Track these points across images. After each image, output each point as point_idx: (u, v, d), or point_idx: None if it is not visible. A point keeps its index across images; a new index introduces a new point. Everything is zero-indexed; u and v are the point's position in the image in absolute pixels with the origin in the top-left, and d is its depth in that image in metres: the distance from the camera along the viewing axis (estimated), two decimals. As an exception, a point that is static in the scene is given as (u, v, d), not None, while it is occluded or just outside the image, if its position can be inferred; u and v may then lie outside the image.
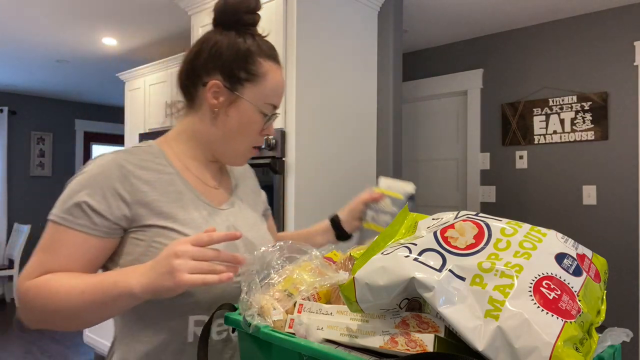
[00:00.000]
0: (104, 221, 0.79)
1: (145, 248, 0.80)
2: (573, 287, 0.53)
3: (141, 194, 0.81)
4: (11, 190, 5.65)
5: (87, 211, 0.78)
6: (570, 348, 0.47)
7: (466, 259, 0.56)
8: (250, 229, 0.94)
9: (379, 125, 2.74)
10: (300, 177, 2.25)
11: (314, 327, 0.63)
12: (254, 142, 0.92)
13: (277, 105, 0.92)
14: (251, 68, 0.87)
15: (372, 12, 2.71)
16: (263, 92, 0.88)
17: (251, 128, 0.89)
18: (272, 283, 0.75)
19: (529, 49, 3.33)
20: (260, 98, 0.88)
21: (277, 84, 0.90)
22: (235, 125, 0.89)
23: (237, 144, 0.91)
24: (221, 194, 0.95)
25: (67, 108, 6.17)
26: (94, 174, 0.80)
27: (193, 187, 0.89)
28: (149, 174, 0.84)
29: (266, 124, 0.91)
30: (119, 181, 0.80)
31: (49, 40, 3.65)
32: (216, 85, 0.87)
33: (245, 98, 0.87)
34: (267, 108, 0.89)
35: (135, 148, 0.88)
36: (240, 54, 0.87)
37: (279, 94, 0.91)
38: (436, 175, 3.85)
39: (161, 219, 0.82)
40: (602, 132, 3.00)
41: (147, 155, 0.87)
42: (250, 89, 0.87)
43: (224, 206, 0.93)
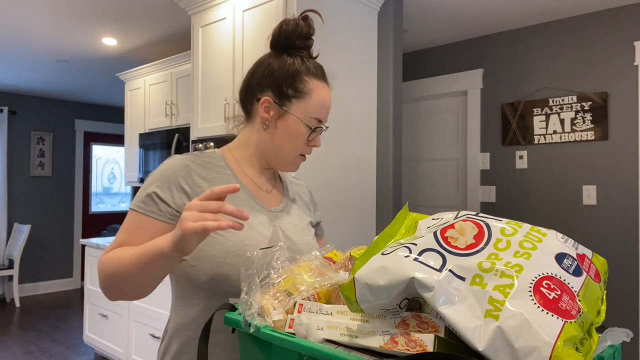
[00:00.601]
0: (168, 208, 0.92)
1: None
2: (573, 287, 0.53)
3: (199, 188, 0.95)
4: (11, 190, 5.65)
5: (155, 200, 0.92)
6: (570, 348, 0.47)
7: (466, 259, 0.56)
8: (297, 233, 1.04)
9: (379, 125, 2.74)
10: (300, 177, 2.25)
11: (314, 327, 0.63)
12: (301, 151, 1.02)
13: (323, 119, 1.01)
14: (298, 86, 0.98)
15: (372, 12, 2.71)
16: (308, 107, 0.98)
17: (297, 139, 1.00)
18: (272, 283, 0.75)
19: (529, 49, 3.33)
20: (305, 112, 0.98)
21: (322, 100, 1.00)
22: (283, 136, 1.00)
23: (285, 153, 1.01)
24: (273, 198, 1.07)
25: (67, 108, 6.17)
26: (164, 170, 0.95)
27: (247, 188, 1.02)
28: (208, 173, 0.98)
29: (311, 135, 1.00)
30: (182, 177, 0.94)
31: (49, 40, 3.65)
32: (267, 101, 0.99)
33: (292, 112, 0.98)
34: (312, 122, 0.99)
35: (199, 152, 1.03)
36: (289, 74, 0.98)
37: (324, 109, 1.00)
38: (436, 175, 3.85)
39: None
40: (602, 132, 3.00)
41: (209, 158, 1.02)
42: (296, 105, 0.98)
43: (275, 209, 1.04)
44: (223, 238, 0.92)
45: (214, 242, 0.92)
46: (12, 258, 5.34)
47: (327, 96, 1.01)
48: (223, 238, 0.92)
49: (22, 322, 4.65)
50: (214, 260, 0.91)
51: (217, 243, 0.92)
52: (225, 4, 2.57)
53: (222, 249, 0.91)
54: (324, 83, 1.01)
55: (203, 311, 0.93)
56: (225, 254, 0.91)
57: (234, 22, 2.51)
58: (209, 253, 0.91)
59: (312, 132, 1.00)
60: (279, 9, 2.28)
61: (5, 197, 5.55)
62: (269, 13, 2.33)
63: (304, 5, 2.27)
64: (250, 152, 1.05)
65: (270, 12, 2.32)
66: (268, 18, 2.33)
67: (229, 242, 0.92)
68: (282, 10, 2.26)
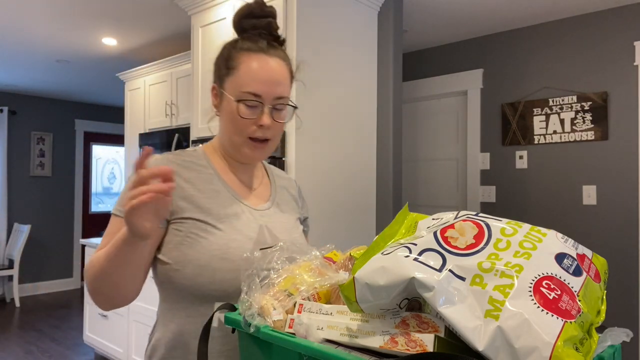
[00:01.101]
0: None
1: (182, 238, 0.90)
2: (573, 287, 0.53)
3: (181, 189, 0.91)
4: (11, 190, 5.65)
5: None
6: (570, 348, 0.47)
7: (466, 259, 0.56)
8: (285, 232, 1.00)
9: (379, 125, 2.74)
10: (300, 177, 2.25)
11: (314, 327, 0.63)
12: (247, 133, 0.93)
13: (260, 93, 0.91)
14: (229, 63, 0.94)
15: (372, 12, 2.71)
16: (237, 81, 0.92)
17: (236, 119, 0.92)
18: (272, 283, 0.75)
19: (529, 49, 3.33)
20: (236, 88, 0.92)
21: (251, 71, 0.91)
22: (225, 119, 0.95)
23: (233, 137, 0.95)
24: (260, 196, 1.03)
25: (67, 108, 6.17)
26: None
27: (230, 186, 0.98)
28: (189, 173, 0.95)
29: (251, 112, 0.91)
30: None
31: (49, 40, 3.65)
32: (213, 88, 0.97)
33: (226, 92, 0.93)
34: (246, 97, 0.91)
35: (181, 151, 1.00)
36: (224, 54, 0.95)
37: (256, 81, 0.91)
38: (436, 175, 3.85)
39: (198, 212, 0.91)
40: (602, 132, 3.00)
41: (190, 157, 0.98)
42: (228, 83, 0.93)
43: (261, 207, 1.00)
44: (206, 241, 0.89)
45: (197, 245, 0.89)
46: (12, 258, 5.34)
47: (259, 67, 0.91)
48: (206, 241, 0.89)
49: (22, 322, 4.65)
50: (197, 263, 0.88)
51: (200, 246, 0.89)
52: (225, 4, 2.57)
53: (206, 252, 0.88)
54: (259, 54, 0.93)
55: (187, 316, 0.91)
56: (209, 258, 0.88)
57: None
58: (192, 257, 0.88)
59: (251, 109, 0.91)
60: (279, 9, 2.28)
61: (5, 197, 5.55)
62: (269, 13, 2.33)
63: (304, 5, 2.27)
64: (223, 147, 1.01)
65: (270, 12, 2.32)
66: (268, 18, 2.33)
67: (212, 245, 0.89)
68: (282, 10, 2.27)
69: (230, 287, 0.88)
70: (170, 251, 0.90)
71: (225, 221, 0.92)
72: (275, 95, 0.93)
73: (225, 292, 0.89)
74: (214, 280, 0.87)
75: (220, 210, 0.93)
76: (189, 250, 0.88)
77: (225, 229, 0.91)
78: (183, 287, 0.89)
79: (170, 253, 0.90)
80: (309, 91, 2.31)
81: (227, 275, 0.88)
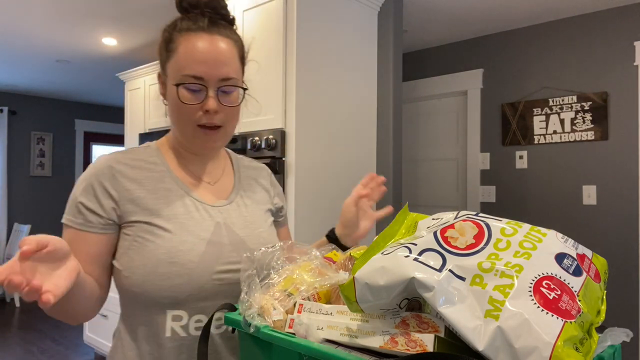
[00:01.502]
0: (98, 218, 0.84)
1: (130, 242, 0.85)
2: (573, 287, 0.53)
3: (127, 191, 0.86)
4: (11, 190, 5.65)
5: (82, 210, 0.84)
6: (570, 348, 0.47)
7: (466, 259, 0.56)
8: (246, 227, 0.93)
9: (379, 125, 2.74)
10: (300, 177, 2.25)
11: (314, 327, 0.63)
12: (195, 120, 0.85)
13: (201, 75, 0.83)
14: (168, 46, 0.87)
15: (372, 12, 2.71)
16: (177, 64, 0.84)
17: (180, 106, 0.84)
18: (272, 283, 0.75)
19: (529, 49, 3.33)
20: (176, 71, 0.84)
21: (189, 52, 0.83)
22: (170, 107, 0.88)
23: (181, 126, 0.88)
24: (219, 190, 0.96)
25: (67, 108, 6.17)
26: (88, 175, 0.87)
27: (184, 183, 0.91)
28: (138, 173, 0.88)
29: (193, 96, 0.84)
30: (108, 180, 0.85)
31: (49, 40, 3.65)
32: (159, 76, 0.91)
33: (168, 77, 0.87)
34: (186, 80, 0.83)
35: (131, 149, 0.93)
36: (165, 38, 0.88)
37: (196, 61, 0.82)
38: (436, 175, 3.85)
39: (146, 215, 0.85)
40: (602, 132, 3.00)
41: (141, 154, 0.91)
42: (169, 67, 0.86)
43: (219, 203, 0.93)
44: (153, 245, 0.83)
45: (144, 249, 0.83)
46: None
47: (200, 47, 0.83)
48: (153, 245, 0.83)
49: (22, 322, 4.65)
50: (144, 270, 0.82)
51: (147, 251, 0.83)
52: (225, 4, 2.57)
53: (152, 257, 0.82)
54: (199, 32, 0.84)
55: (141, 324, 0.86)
56: (156, 263, 0.82)
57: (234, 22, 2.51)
58: (139, 262, 0.83)
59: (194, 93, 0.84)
60: (279, 9, 2.28)
61: (5, 197, 5.55)
62: (269, 13, 2.33)
63: (304, 5, 2.27)
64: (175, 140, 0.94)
65: (270, 12, 2.32)
66: (268, 18, 2.33)
67: (159, 248, 0.83)
68: (282, 10, 2.26)
69: (181, 293, 0.83)
70: (120, 257, 0.86)
71: (175, 222, 0.86)
72: (219, 77, 0.84)
73: (175, 299, 0.83)
74: (162, 287, 0.81)
75: (170, 211, 0.87)
76: (136, 256, 0.83)
77: (175, 230, 0.85)
78: (134, 294, 0.84)
79: (122, 258, 0.85)
80: (309, 91, 2.31)
81: (177, 281, 0.82)
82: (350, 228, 1.02)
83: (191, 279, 0.83)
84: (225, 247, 0.89)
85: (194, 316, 0.86)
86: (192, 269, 0.83)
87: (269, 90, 2.32)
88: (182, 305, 0.84)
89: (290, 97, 2.25)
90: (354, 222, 1.02)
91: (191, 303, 0.84)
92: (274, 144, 2.25)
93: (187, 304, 0.84)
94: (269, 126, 2.31)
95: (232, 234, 0.90)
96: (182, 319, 0.85)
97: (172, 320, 0.85)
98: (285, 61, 2.26)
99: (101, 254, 0.86)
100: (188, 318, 0.85)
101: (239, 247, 0.90)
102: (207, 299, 0.86)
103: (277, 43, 2.28)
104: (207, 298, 0.86)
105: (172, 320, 0.85)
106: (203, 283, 0.84)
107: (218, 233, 0.89)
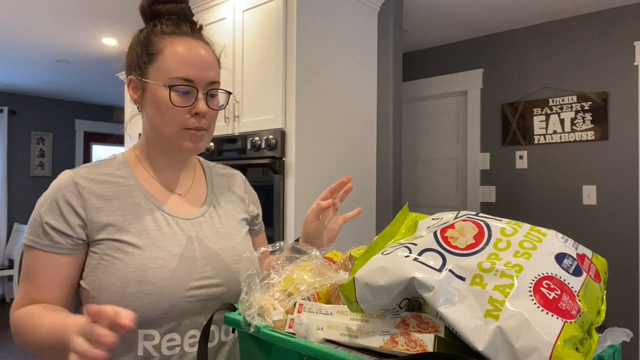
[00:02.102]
0: (66, 239, 0.81)
1: (97, 261, 0.81)
2: (573, 287, 0.53)
3: (94, 209, 0.82)
4: (11, 190, 5.65)
5: (48, 231, 0.80)
6: (570, 348, 0.47)
7: (466, 259, 0.56)
8: (219, 240, 0.91)
9: (379, 125, 2.74)
10: (300, 177, 2.25)
11: (314, 327, 0.63)
12: (182, 124, 0.84)
13: (192, 78, 0.83)
14: (149, 49, 0.85)
15: (372, 12, 2.71)
16: (163, 67, 0.83)
17: (166, 109, 0.83)
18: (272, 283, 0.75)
19: (529, 49, 3.33)
20: (163, 74, 0.83)
21: (178, 54, 0.83)
22: (153, 111, 0.85)
23: (164, 130, 0.85)
24: (191, 202, 0.92)
25: (67, 108, 6.17)
26: (52, 193, 0.82)
27: (154, 196, 0.88)
28: (105, 188, 0.84)
29: (183, 99, 0.83)
30: (74, 197, 0.81)
31: (49, 40, 3.65)
32: (131, 80, 0.88)
33: (150, 80, 0.84)
34: (175, 82, 0.83)
35: (97, 162, 0.89)
36: (141, 42, 0.86)
37: (186, 64, 0.83)
38: (436, 175, 3.85)
39: (114, 232, 0.82)
40: (602, 132, 3.00)
41: (107, 168, 0.88)
42: (152, 71, 0.84)
43: (191, 215, 0.90)
44: (122, 263, 0.79)
45: (112, 268, 0.79)
46: (12, 258, 5.34)
47: (186, 50, 0.84)
48: (122, 263, 0.79)
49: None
50: (112, 290, 0.78)
51: (116, 270, 0.79)
52: (225, 4, 2.57)
53: (121, 276, 0.78)
54: (184, 37, 0.85)
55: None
56: (125, 282, 0.78)
57: (234, 22, 2.51)
58: (106, 282, 0.79)
59: (183, 96, 0.83)
60: (279, 9, 2.28)
61: (5, 197, 5.55)
62: (269, 13, 2.33)
63: (304, 5, 2.27)
64: (148, 150, 0.91)
65: (270, 12, 2.32)
66: (268, 18, 2.33)
67: (128, 267, 0.79)
68: (282, 10, 2.26)
69: (152, 313, 0.79)
70: (87, 276, 0.82)
71: (145, 237, 0.82)
72: (207, 80, 0.85)
73: (146, 319, 0.79)
74: (132, 307, 0.77)
75: (140, 226, 0.83)
76: (103, 275, 0.79)
77: (145, 247, 0.81)
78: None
79: (88, 278, 0.81)
80: (309, 91, 2.31)
81: (147, 300, 0.78)
82: (314, 241, 0.98)
83: (162, 298, 0.80)
84: (198, 262, 0.85)
85: (165, 335, 0.82)
86: (164, 287, 0.80)
87: (269, 90, 2.32)
88: (154, 325, 0.81)
89: (290, 97, 2.25)
90: (317, 235, 0.99)
91: (163, 322, 0.81)
92: (274, 144, 2.25)
93: (158, 323, 0.81)
94: (269, 126, 2.31)
95: (204, 248, 0.87)
96: (154, 338, 0.81)
97: (144, 340, 0.81)
98: (285, 61, 2.26)
99: (70, 276, 0.82)
100: (160, 338, 0.82)
101: (212, 260, 0.87)
102: (181, 317, 0.83)
103: (277, 43, 2.28)
104: (181, 316, 0.82)
105: (144, 340, 0.81)
106: (175, 301, 0.81)
107: (190, 247, 0.86)
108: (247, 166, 2.36)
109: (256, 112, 2.38)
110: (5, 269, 5.25)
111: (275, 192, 2.26)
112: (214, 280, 0.86)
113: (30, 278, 0.81)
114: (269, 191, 2.29)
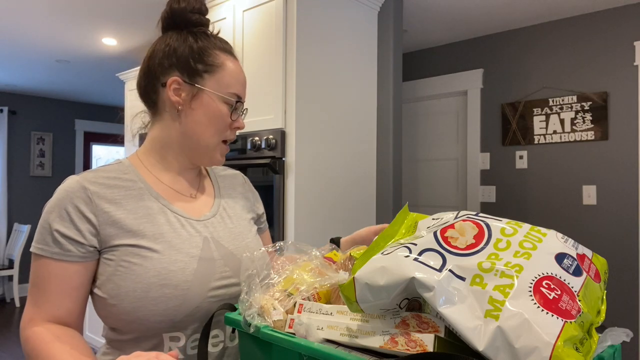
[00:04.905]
0: (77, 246, 0.78)
1: (115, 268, 0.79)
2: (573, 287, 0.53)
3: (106, 214, 0.80)
4: (11, 190, 5.65)
5: (58, 239, 0.78)
6: (570, 348, 0.47)
7: (466, 259, 0.56)
8: (234, 240, 0.91)
9: (379, 125, 2.74)
10: (300, 177, 2.25)
11: (314, 327, 0.63)
12: (223, 136, 0.90)
13: (241, 96, 0.91)
14: (208, 60, 0.87)
15: (372, 12, 2.71)
16: (223, 81, 0.88)
17: (218, 120, 0.88)
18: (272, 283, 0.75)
19: (529, 49, 3.33)
20: (221, 87, 0.88)
21: (236, 73, 0.90)
22: (202, 118, 0.87)
23: (207, 139, 0.88)
24: (201, 203, 0.93)
25: (67, 108, 6.17)
26: (61, 199, 0.79)
27: (166, 199, 0.87)
28: (115, 193, 0.83)
29: (233, 114, 0.89)
30: (84, 203, 0.79)
31: (49, 40, 3.64)
32: (176, 82, 0.86)
33: (207, 89, 0.87)
34: (232, 97, 0.89)
35: (103, 167, 0.87)
36: (195, 49, 0.87)
37: (240, 83, 0.90)
38: (436, 175, 3.85)
39: (129, 237, 0.80)
40: (602, 132, 3.00)
41: (115, 172, 0.86)
42: (210, 80, 0.87)
43: (204, 216, 0.90)
44: (142, 268, 0.78)
45: (132, 274, 0.78)
46: (12, 258, 5.34)
47: (239, 70, 0.91)
48: (142, 268, 0.78)
49: (22, 322, 4.65)
50: (134, 296, 0.77)
51: (136, 275, 0.78)
52: (225, 4, 2.57)
53: (143, 281, 0.77)
54: (234, 58, 0.91)
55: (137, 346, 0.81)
56: (147, 287, 0.77)
57: (234, 22, 2.51)
58: (127, 288, 0.77)
59: (234, 110, 0.89)
60: (279, 9, 2.28)
61: (5, 197, 5.55)
62: (269, 13, 2.33)
63: (304, 5, 2.27)
64: (165, 153, 0.91)
65: (270, 12, 2.32)
66: (268, 18, 2.33)
67: (149, 272, 0.78)
68: (282, 10, 2.26)
69: (177, 315, 0.80)
70: (104, 284, 0.79)
71: (161, 241, 0.81)
72: (245, 99, 0.94)
73: (171, 322, 0.79)
74: (156, 312, 0.77)
75: (155, 230, 0.82)
76: (122, 282, 0.77)
77: (163, 250, 0.80)
78: (124, 322, 0.78)
79: (105, 286, 0.79)
80: (309, 91, 2.31)
81: (171, 303, 0.78)
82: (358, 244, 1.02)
83: (186, 300, 0.80)
84: (217, 262, 0.86)
85: (191, 337, 0.83)
86: (187, 289, 0.80)
87: (269, 90, 2.32)
88: (179, 327, 0.81)
89: (290, 97, 2.25)
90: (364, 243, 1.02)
91: (188, 324, 0.82)
92: (274, 144, 2.25)
93: (183, 326, 0.82)
94: (269, 126, 2.31)
95: (221, 248, 0.87)
96: (179, 340, 0.82)
97: (170, 341, 0.82)
98: (285, 61, 2.26)
99: (82, 284, 0.80)
100: (186, 339, 0.83)
101: (229, 260, 0.88)
102: (205, 318, 0.83)
103: (277, 43, 2.28)
104: (205, 317, 0.83)
105: (170, 341, 0.82)
106: (199, 302, 0.82)
107: (207, 248, 0.86)
108: (247, 166, 2.36)
109: (256, 112, 2.38)
110: (5, 269, 5.24)
111: (275, 192, 2.26)
112: (233, 279, 0.87)
113: (40, 287, 0.78)
114: (269, 191, 2.29)
